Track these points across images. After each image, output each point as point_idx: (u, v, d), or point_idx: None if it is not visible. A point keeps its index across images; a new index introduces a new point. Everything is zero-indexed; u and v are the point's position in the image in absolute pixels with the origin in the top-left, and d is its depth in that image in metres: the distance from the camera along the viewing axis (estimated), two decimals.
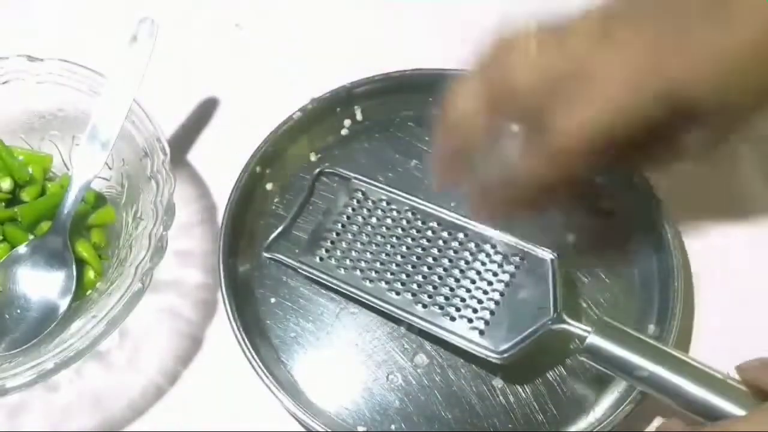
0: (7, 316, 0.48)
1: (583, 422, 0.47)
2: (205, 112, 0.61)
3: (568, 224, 0.53)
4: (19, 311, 0.48)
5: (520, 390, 0.48)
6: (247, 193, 0.54)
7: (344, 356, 0.50)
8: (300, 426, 0.48)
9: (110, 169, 0.53)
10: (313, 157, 0.57)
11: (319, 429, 0.45)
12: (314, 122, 0.57)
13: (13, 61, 0.52)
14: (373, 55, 0.62)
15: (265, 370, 0.47)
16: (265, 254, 0.53)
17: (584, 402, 0.47)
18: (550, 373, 0.48)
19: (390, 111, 0.59)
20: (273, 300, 0.52)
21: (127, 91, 0.50)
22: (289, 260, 0.52)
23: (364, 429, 0.47)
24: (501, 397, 0.48)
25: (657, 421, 0.47)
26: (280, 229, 0.53)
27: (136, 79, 0.50)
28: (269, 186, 0.56)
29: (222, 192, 0.55)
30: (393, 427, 0.47)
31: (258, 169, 0.55)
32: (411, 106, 0.58)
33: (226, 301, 0.49)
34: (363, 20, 0.66)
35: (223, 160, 0.57)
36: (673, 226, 0.51)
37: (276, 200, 0.56)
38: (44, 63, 0.52)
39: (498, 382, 0.48)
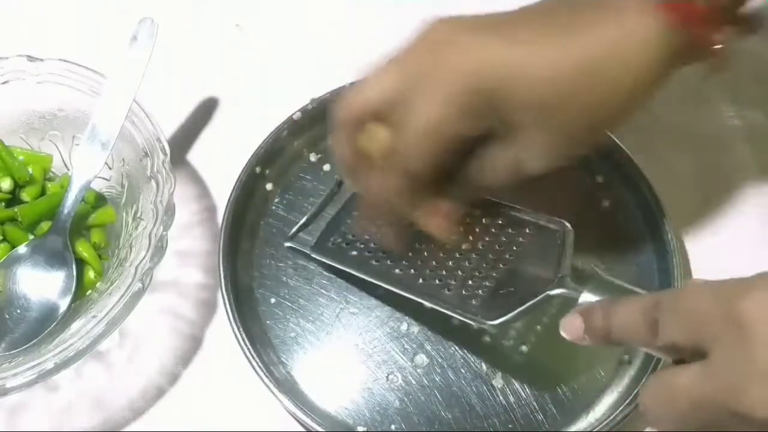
0: (7, 316, 0.48)
1: (583, 422, 0.47)
2: (205, 112, 0.61)
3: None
4: (19, 311, 0.49)
5: (520, 390, 0.48)
6: (247, 193, 0.54)
7: (344, 356, 0.50)
8: (300, 426, 0.48)
9: (110, 169, 0.53)
10: (313, 158, 0.57)
11: (319, 429, 0.45)
12: (314, 122, 0.57)
13: (13, 61, 0.52)
14: (373, 56, 0.61)
15: (265, 370, 0.47)
16: (288, 244, 0.53)
17: (584, 402, 0.47)
18: (550, 373, 0.48)
19: None
20: (273, 300, 0.52)
21: (127, 91, 0.50)
22: (307, 250, 0.52)
23: (364, 429, 0.47)
24: (501, 397, 0.48)
25: None
26: (303, 220, 0.54)
27: (136, 79, 0.50)
28: (269, 186, 0.56)
29: (222, 192, 0.55)
30: (393, 427, 0.47)
31: (258, 169, 0.55)
32: None
33: (226, 301, 0.49)
34: (363, 20, 0.65)
35: (223, 160, 0.57)
36: (673, 226, 0.51)
37: (276, 200, 0.56)
38: (44, 63, 0.52)
39: (498, 382, 0.48)
